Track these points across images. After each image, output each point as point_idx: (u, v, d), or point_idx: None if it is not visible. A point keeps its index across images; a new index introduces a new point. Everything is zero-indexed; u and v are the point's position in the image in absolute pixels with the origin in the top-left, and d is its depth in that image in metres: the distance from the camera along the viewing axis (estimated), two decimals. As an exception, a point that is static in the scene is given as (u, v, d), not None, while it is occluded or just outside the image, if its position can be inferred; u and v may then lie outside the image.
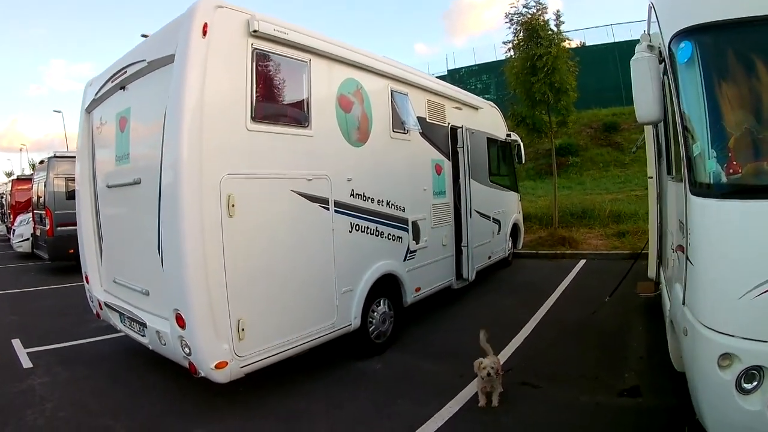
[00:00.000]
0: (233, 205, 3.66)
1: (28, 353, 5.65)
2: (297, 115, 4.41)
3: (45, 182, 11.47)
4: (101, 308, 5.15)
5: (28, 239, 13.90)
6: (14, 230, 15.25)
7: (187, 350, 3.63)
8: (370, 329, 5.21)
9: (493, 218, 8.59)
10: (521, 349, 5.23)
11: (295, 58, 4.33)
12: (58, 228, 10.85)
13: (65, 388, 4.69)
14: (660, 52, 3.08)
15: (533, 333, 5.74)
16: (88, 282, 5.42)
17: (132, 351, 5.27)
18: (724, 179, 2.64)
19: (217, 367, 3.56)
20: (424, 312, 6.65)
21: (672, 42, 2.83)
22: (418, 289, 6.05)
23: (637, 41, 3.32)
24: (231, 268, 3.64)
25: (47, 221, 11.23)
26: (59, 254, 10.97)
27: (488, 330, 4.28)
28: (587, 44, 25.76)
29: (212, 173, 3.54)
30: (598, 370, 4.52)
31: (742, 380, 2.44)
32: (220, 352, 3.57)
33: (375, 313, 5.29)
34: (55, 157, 11.45)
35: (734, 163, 2.65)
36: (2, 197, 22.82)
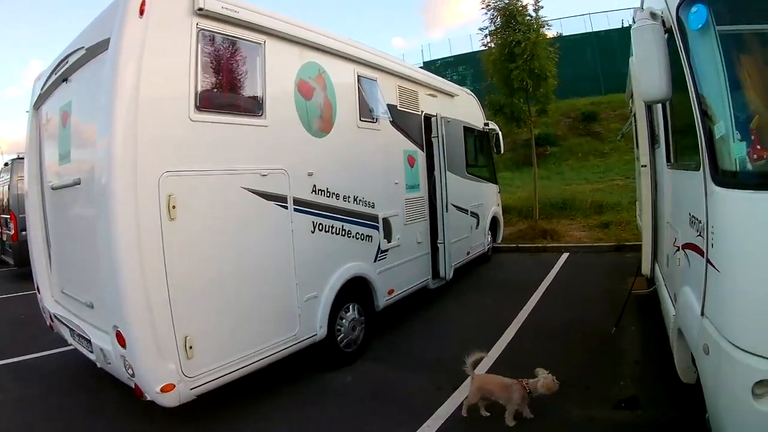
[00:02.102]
0: (174, 207, 3.22)
1: (-19, 369, 5.17)
2: (249, 103, 3.97)
3: (9, 185, 10.90)
4: (53, 320, 4.71)
5: (-6, 245, 13.21)
6: (-19, 236, 14.53)
7: (130, 371, 3.21)
8: (339, 338, 4.81)
9: (471, 212, 8.24)
10: (504, 356, 4.80)
11: (247, 40, 3.88)
12: (23, 232, 10.09)
13: (14, 407, 4.31)
14: (663, 21, 2.69)
15: (516, 337, 5.32)
16: (39, 292, 4.96)
17: (87, 365, 4.77)
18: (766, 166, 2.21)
19: (163, 390, 3.14)
20: (399, 316, 6.21)
21: (681, 7, 2.45)
22: (391, 292, 5.65)
23: (615, 30, 2.93)
24: (174, 279, 3.20)
25: (11, 226, 10.68)
26: (25, 260, 10.20)
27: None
28: (564, 34, 25.41)
29: (149, 171, 3.10)
30: (589, 378, 4.13)
31: None
32: (165, 373, 3.15)
33: (343, 320, 4.89)
34: (19, 158, 10.81)
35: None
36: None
